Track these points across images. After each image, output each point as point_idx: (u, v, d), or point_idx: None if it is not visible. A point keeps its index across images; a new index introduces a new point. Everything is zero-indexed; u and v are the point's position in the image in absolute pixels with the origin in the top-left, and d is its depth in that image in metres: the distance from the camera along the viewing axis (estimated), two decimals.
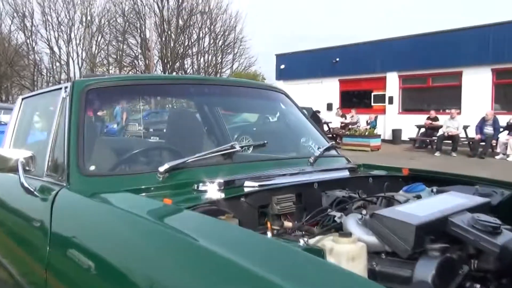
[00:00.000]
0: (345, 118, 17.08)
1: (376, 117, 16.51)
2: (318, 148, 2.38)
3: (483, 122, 12.60)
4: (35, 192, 1.92)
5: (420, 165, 10.59)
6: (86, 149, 1.89)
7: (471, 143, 12.88)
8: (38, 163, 2.05)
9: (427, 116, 14.58)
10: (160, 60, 33.56)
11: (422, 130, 14.68)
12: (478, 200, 1.59)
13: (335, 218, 1.60)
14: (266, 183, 1.88)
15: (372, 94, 17.88)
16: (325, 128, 16.09)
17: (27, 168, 2.02)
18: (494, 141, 12.36)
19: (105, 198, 1.64)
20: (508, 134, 12.03)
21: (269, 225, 1.68)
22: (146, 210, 1.46)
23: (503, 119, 12.50)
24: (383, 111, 17.22)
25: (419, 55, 15.91)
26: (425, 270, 1.26)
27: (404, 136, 15.65)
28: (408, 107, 16.90)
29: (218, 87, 2.70)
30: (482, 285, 1.34)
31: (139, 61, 34.39)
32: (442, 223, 1.41)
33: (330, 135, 15.67)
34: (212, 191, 1.78)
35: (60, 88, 2.14)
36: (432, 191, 1.89)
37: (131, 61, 34.81)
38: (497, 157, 11.99)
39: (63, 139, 1.91)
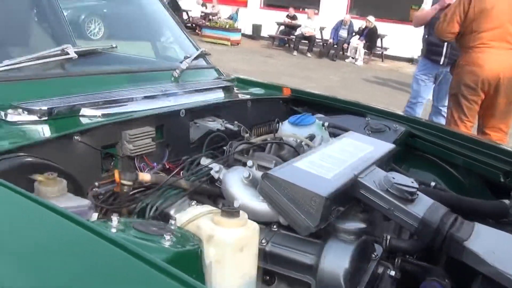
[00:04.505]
0: (206, 8, 16.18)
1: (237, 10, 15.93)
2: (185, 58, 1.84)
3: (339, 25, 12.95)
4: None
5: (279, 64, 10.61)
6: None
7: (325, 44, 13.28)
8: None
9: (286, 13, 14.46)
10: None
11: (282, 28, 14.61)
12: (385, 148, 1.30)
13: (212, 173, 1.17)
14: (112, 111, 1.34)
15: None
16: (184, 16, 15.07)
17: None
18: (346, 45, 12.89)
19: None
20: (359, 39, 12.59)
21: (116, 175, 1.19)
22: None
23: (357, 24, 12.95)
24: (245, 4, 16.62)
25: None
26: (336, 260, 0.94)
27: (264, 33, 15.45)
28: (270, 2, 16.54)
29: None
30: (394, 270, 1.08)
31: None
32: (352, 187, 1.09)
33: (189, 25, 14.77)
34: (30, 126, 1.19)
35: None
36: (323, 125, 1.57)
37: None
38: (346, 60, 12.62)
39: None
